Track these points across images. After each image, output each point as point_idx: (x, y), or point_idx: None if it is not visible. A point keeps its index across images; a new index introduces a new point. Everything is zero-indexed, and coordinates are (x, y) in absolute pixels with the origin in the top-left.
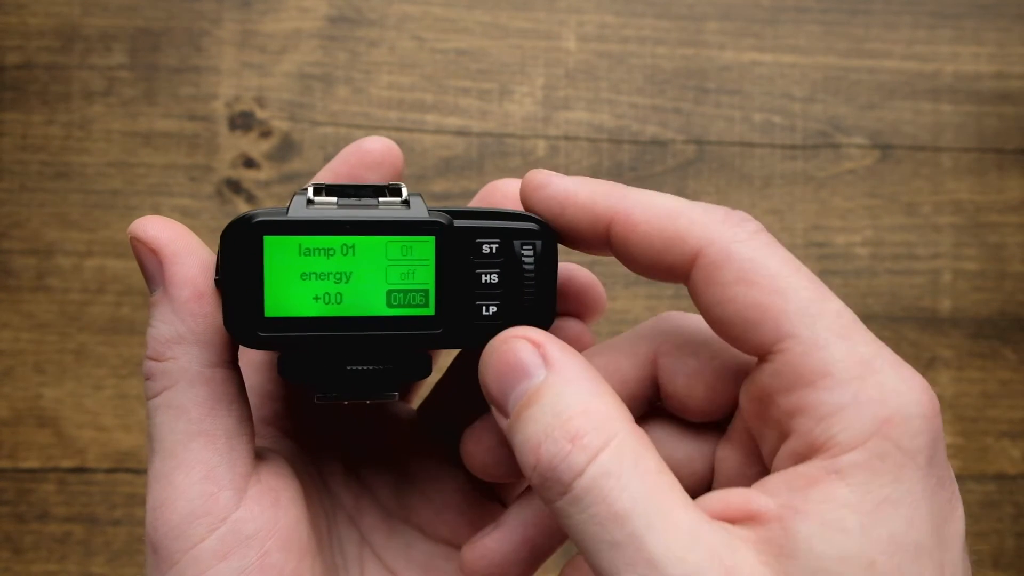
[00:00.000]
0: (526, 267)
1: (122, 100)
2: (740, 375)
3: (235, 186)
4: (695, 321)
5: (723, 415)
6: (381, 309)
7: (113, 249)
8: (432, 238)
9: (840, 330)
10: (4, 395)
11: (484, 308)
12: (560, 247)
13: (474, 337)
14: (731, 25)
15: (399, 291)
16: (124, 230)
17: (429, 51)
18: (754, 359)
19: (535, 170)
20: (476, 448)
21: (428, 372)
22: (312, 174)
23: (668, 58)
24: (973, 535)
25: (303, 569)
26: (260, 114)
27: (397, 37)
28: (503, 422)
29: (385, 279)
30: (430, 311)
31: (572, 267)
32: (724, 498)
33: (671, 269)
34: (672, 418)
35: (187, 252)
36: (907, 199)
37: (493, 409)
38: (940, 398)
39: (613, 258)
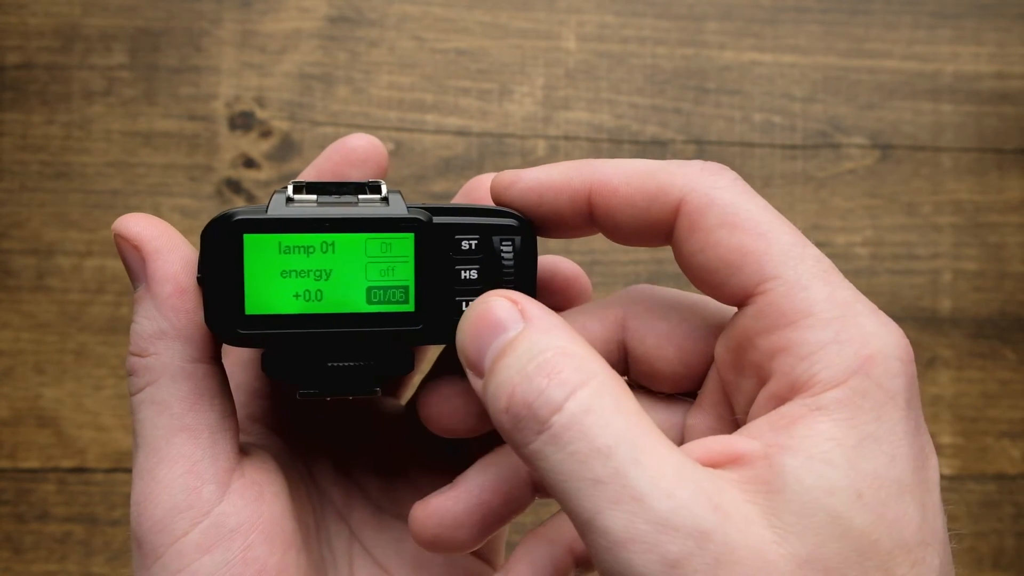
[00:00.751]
0: (505, 262)
1: (122, 100)
2: (710, 336)
3: (235, 186)
4: (664, 290)
5: (691, 383)
6: (361, 306)
7: (113, 249)
8: (411, 235)
9: (821, 274)
10: (4, 395)
11: (464, 304)
12: (542, 241)
13: (455, 333)
14: (731, 25)
15: (379, 288)
16: None
17: (429, 51)
18: (727, 316)
19: (501, 172)
20: (433, 398)
21: (410, 368)
22: None
23: (668, 58)
24: (973, 535)
25: (287, 562)
26: (260, 114)
27: (397, 37)
28: (477, 384)
29: (365, 276)
30: (410, 307)
31: (557, 259)
32: (704, 444)
33: (656, 225)
34: (641, 390)
35: (169, 249)
36: (907, 199)
37: (468, 373)
38: (940, 398)
39: (612, 258)
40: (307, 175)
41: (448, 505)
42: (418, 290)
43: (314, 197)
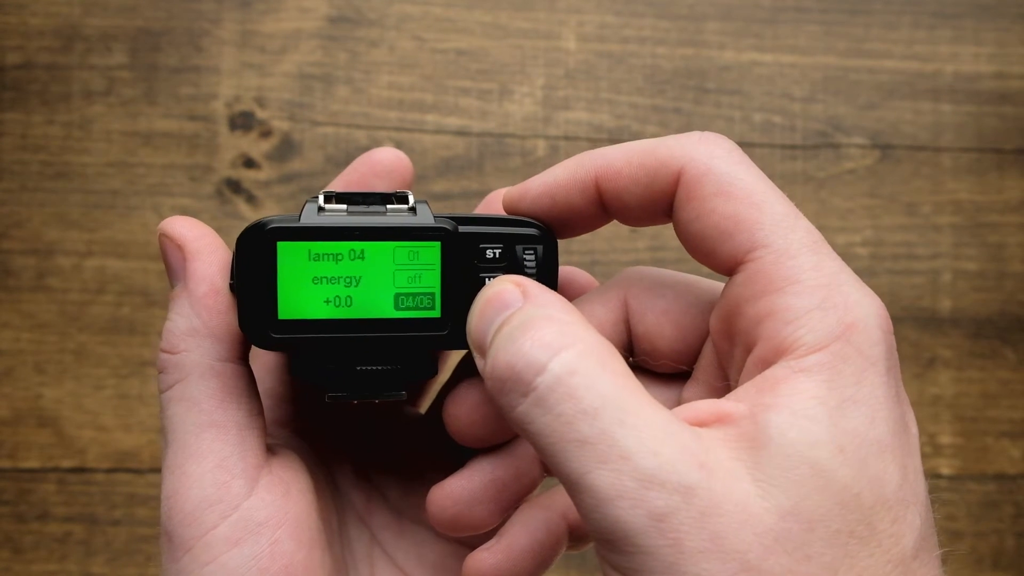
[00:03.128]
0: (528, 270)
1: (122, 100)
2: (705, 312)
3: (235, 186)
4: (660, 270)
5: (690, 359)
6: (389, 312)
7: (113, 249)
8: (438, 243)
9: (811, 244)
10: (4, 395)
11: None
12: (561, 251)
13: None
14: (731, 25)
15: (406, 294)
16: (124, 230)
17: (429, 51)
18: (719, 291)
19: (509, 188)
20: (458, 409)
21: (435, 372)
22: (312, 174)
23: (668, 58)
24: (973, 535)
25: (313, 559)
26: (260, 114)
27: (397, 37)
28: (481, 364)
29: (393, 283)
30: (436, 313)
31: (572, 270)
32: (692, 407)
33: (661, 200)
34: (641, 371)
35: (209, 251)
36: (907, 199)
37: (475, 357)
38: (940, 398)
39: (611, 259)
40: (335, 187)
41: (463, 484)
42: (444, 297)
43: (344, 206)
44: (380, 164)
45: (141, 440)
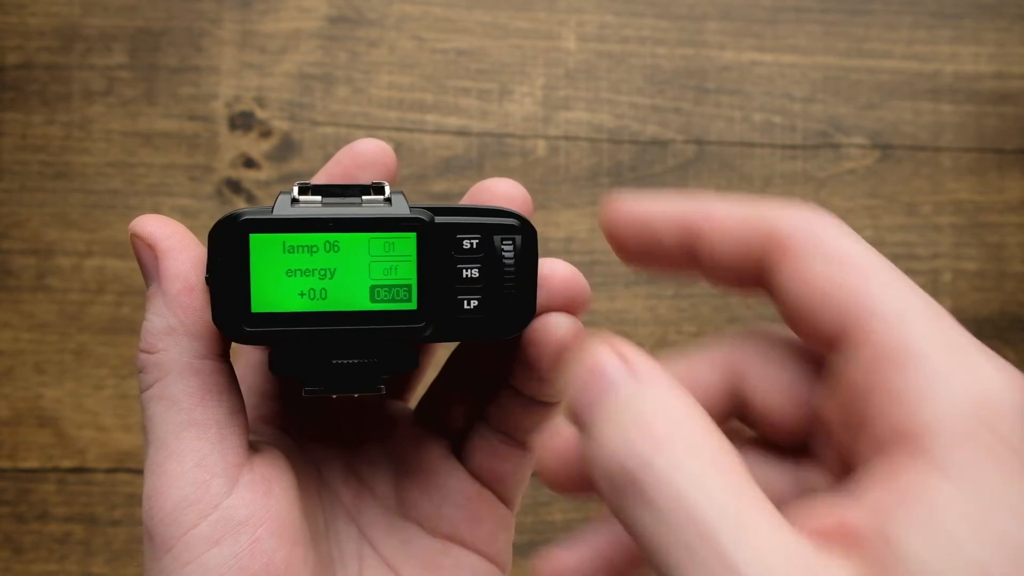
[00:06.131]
0: (506, 262)
1: (122, 100)
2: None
3: (235, 186)
4: (780, 330)
5: (806, 434)
6: (365, 304)
7: (113, 249)
8: (413, 234)
9: (928, 313)
10: (4, 395)
11: (466, 302)
12: (541, 243)
13: (456, 331)
14: (731, 25)
15: (382, 286)
16: (124, 230)
17: (429, 51)
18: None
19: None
20: (551, 463)
21: (415, 364)
22: (312, 174)
23: (668, 58)
24: None
25: (295, 557)
26: (260, 114)
27: (397, 37)
28: (583, 439)
29: (368, 275)
30: (412, 306)
31: (553, 261)
32: (814, 516)
33: (757, 259)
34: (760, 443)
35: (181, 248)
36: (907, 199)
37: (576, 428)
38: None
39: (612, 258)
40: (318, 179)
41: (572, 561)
42: (420, 289)
43: (319, 198)
44: (363, 156)
45: (141, 440)
